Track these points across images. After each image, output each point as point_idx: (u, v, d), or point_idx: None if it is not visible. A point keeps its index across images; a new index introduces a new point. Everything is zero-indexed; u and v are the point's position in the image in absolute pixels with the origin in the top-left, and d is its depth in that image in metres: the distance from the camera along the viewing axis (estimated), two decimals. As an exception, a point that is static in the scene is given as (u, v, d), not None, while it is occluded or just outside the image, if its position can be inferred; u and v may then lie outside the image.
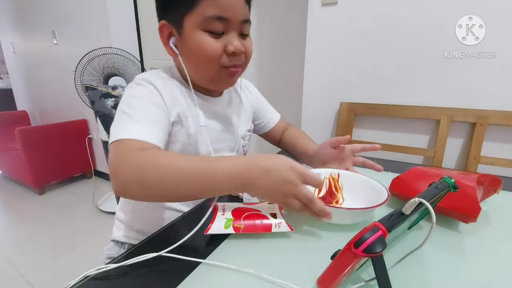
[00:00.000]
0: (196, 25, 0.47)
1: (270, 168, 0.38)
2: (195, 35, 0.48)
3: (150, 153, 0.42)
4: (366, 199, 0.49)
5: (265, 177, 0.38)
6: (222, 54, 0.49)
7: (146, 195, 0.41)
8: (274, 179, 0.38)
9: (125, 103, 0.49)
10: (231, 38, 0.49)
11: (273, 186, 0.38)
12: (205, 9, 0.46)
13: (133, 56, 1.75)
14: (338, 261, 0.30)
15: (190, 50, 0.50)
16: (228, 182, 0.39)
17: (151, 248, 0.37)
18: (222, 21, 0.47)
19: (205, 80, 0.55)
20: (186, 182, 0.39)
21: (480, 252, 0.40)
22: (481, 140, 1.16)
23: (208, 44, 0.48)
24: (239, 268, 0.35)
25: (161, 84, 0.53)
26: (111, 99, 0.74)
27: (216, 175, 0.38)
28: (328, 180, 0.58)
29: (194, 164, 0.39)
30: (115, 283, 0.34)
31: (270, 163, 0.39)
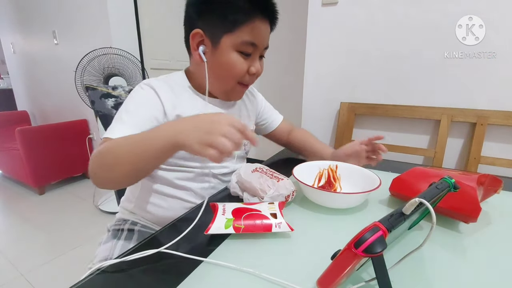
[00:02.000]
0: (232, 45, 0.54)
1: (197, 119, 0.40)
2: (230, 53, 0.55)
3: (108, 142, 0.47)
4: (362, 188, 0.54)
5: (191, 120, 0.40)
6: (245, 74, 0.58)
7: (109, 177, 0.46)
8: (201, 119, 0.40)
9: (124, 104, 0.55)
10: (254, 60, 0.58)
11: (197, 125, 0.39)
12: (244, 34, 0.53)
13: (133, 56, 1.75)
14: (338, 261, 0.30)
15: (220, 63, 0.56)
16: (165, 145, 0.40)
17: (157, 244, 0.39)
18: (253, 46, 0.55)
19: (220, 91, 0.62)
20: (134, 155, 0.43)
21: (480, 252, 0.40)
22: (481, 140, 1.16)
23: (239, 63, 0.56)
24: (240, 267, 0.35)
25: (165, 88, 0.57)
26: (111, 99, 0.74)
27: (155, 142, 0.41)
28: (327, 171, 0.64)
29: (136, 139, 0.44)
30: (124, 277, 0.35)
31: (198, 116, 0.41)
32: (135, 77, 1.78)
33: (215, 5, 0.54)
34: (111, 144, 0.45)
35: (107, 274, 0.35)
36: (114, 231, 0.66)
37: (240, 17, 0.52)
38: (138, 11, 2.10)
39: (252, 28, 0.53)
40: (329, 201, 0.52)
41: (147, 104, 0.55)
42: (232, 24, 0.53)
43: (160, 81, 0.60)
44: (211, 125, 0.37)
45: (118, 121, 0.52)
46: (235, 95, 0.65)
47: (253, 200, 0.52)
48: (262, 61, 0.61)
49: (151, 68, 2.29)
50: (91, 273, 0.35)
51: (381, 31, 1.28)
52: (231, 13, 0.52)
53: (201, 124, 0.39)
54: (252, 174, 0.55)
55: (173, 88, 0.59)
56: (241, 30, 0.53)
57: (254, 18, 0.53)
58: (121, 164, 0.44)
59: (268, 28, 0.57)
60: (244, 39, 0.54)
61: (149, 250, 0.37)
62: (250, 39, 0.54)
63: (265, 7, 0.55)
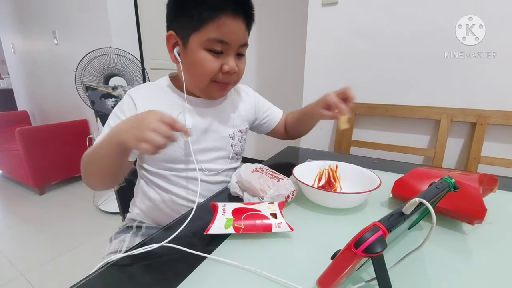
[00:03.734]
0: (200, 43, 0.54)
1: (132, 118, 0.46)
2: (197, 51, 0.54)
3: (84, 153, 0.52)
4: (362, 188, 0.54)
5: (128, 120, 0.46)
6: (218, 72, 0.56)
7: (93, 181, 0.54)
8: (134, 118, 0.45)
9: (110, 117, 0.60)
10: (228, 58, 0.56)
11: (131, 123, 0.44)
12: (209, 31, 0.52)
13: (133, 56, 1.75)
14: (338, 261, 0.30)
15: (190, 63, 0.57)
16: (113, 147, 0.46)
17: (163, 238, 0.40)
18: (223, 43, 0.53)
19: (197, 90, 0.62)
20: (96, 159, 0.50)
21: (480, 251, 0.40)
22: (481, 140, 1.16)
23: (207, 61, 0.55)
24: (241, 265, 0.35)
25: (143, 94, 0.61)
26: (111, 99, 0.74)
27: (107, 148, 0.47)
28: (327, 171, 0.64)
29: (94, 147, 0.51)
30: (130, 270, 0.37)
31: (135, 116, 0.46)
32: (135, 77, 1.78)
33: (183, 5, 0.54)
34: (84, 155, 0.52)
35: (115, 267, 0.37)
36: (124, 227, 0.70)
37: (206, 14, 0.51)
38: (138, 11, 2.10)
39: (219, 25, 0.52)
40: (329, 201, 0.52)
41: (122, 114, 0.58)
42: (197, 23, 0.52)
43: (141, 88, 0.63)
44: (141, 122, 0.42)
45: (102, 131, 0.57)
46: (214, 94, 0.62)
47: (253, 200, 0.52)
48: (242, 59, 0.59)
49: (151, 68, 2.29)
50: (100, 267, 0.36)
51: (381, 31, 1.28)
52: (197, 11, 0.51)
53: (134, 122, 0.44)
54: (252, 174, 0.55)
55: (152, 92, 0.62)
56: (207, 28, 0.52)
57: (221, 14, 0.51)
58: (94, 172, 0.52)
59: (241, 24, 0.54)
60: (211, 37, 0.52)
61: (154, 244, 0.39)
62: (217, 36, 0.52)
63: (234, 2, 0.52)
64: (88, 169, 0.52)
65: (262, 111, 0.80)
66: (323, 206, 0.52)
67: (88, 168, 0.52)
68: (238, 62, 0.58)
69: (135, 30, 1.91)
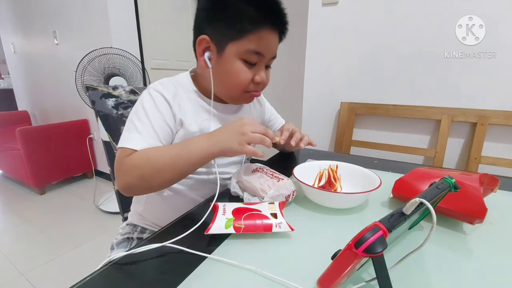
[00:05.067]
0: (237, 53, 0.54)
1: (228, 126, 0.51)
2: (234, 61, 0.55)
3: (139, 153, 0.50)
4: (362, 188, 0.54)
5: (223, 131, 0.50)
6: (250, 83, 0.58)
7: (148, 186, 0.51)
8: (230, 127, 0.50)
9: (135, 113, 0.56)
10: (260, 70, 0.58)
11: (230, 132, 0.49)
12: (249, 43, 0.53)
13: (133, 56, 1.75)
14: (338, 261, 0.30)
15: (224, 71, 0.57)
16: (202, 159, 0.50)
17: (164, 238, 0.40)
18: (259, 55, 0.55)
19: (227, 97, 0.63)
20: (173, 171, 0.50)
21: (481, 252, 0.40)
22: (481, 140, 1.16)
23: (243, 72, 0.56)
24: (241, 264, 0.35)
25: (172, 92, 0.59)
26: (111, 99, 0.74)
27: (193, 159, 0.50)
28: (327, 171, 0.64)
29: (174, 154, 0.50)
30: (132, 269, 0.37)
31: (228, 124, 0.51)
32: (135, 77, 1.78)
33: (224, 12, 0.54)
34: (146, 157, 0.49)
35: (116, 267, 0.37)
36: (125, 239, 0.69)
37: (247, 26, 0.52)
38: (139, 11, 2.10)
39: (259, 38, 0.53)
40: (329, 201, 0.52)
41: (158, 112, 0.56)
42: (238, 32, 0.53)
43: (167, 85, 0.60)
44: (242, 128, 0.48)
45: (133, 131, 0.53)
46: (243, 101, 0.65)
47: (253, 200, 0.52)
48: (268, 71, 0.61)
49: (151, 68, 2.29)
50: (102, 266, 0.37)
51: (381, 31, 1.28)
52: (239, 22, 0.52)
53: (233, 130, 0.49)
54: (252, 174, 0.55)
55: (178, 91, 0.60)
56: (247, 39, 0.53)
57: (262, 28, 0.53)
58: (163, 175, 0.50)
59: (277, 39, 0.57)
60: (249, 48, 0.54)
61: (156, 243, 0.39)
62: (256, 48, 0.54)
63: (275, 18, 0.54)
64: (152, 173, 0.48)
65: (268, 119, 0.83)
66: (324, 206, 0.52)
67: (150, 172, 0.48)
68: (266, 73, 0.60)
69: (135, 30, 1.91)
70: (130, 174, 0.49)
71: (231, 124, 0.50)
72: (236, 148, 0.48)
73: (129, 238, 0.69)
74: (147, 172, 0.48)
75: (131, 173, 0.49)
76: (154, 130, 0.54)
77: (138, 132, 0.52)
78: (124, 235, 0.70)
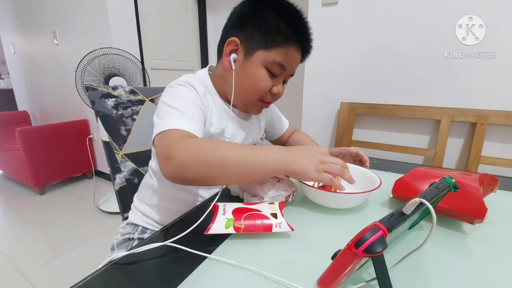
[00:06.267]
0: (263, 61, 0.57)
1: (305, 148, 0.50)
2: (259, 66, 0.57)
3: (209, 140, 0.49)
4: (362, 188, 0.54)
5: (302, 152, 0.48)
6: (268, 92, 0.60)
7: (202, 176, 0.45)
8: (312, 152, 0.48)
9: (171, 99, 0.54)
10: (278, 82, 0.60)
11: (311, 155, 0.48)
12: (276, 54, 0.56)
13: (133, 56, 1.75)
14: (338, 261, 0.30)
15: (247, 74, 0.58)
16: (273, 172, 0.47)
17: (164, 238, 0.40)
18: (282, 68, 0.58)
19: (241, 102, 0.63)
20: (240, 171, 0.45)
21: (481, 252, 0.40)
22: (481, 140, 1.16)
23: (264, 80, 0.58)
24: (241, 264, 0.35)
25: (202, 89, 0.59)
26: (111, 99, 0.74)
27: (265, 167, 0.46)
28: None
29: (247, 154, 0.46)
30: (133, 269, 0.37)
31: (306, 146, 0.51)
32: (135, 77, 1.78)
33: (259, 22, 0.56)
34: (216, 146, 0.46)
35: (116, 266, 0.37)
36: (125, 239, 0.69)
37: (279, 39, 0.55)
38: (138, 11, 2.11)
39: (286, 52, 0.56)
40: (329, 201, 0.52)
41: (196, 102, 0.57)
42: (269, 43, 0.55)
43: (195, 80, 0.61)
44: (323, 157, 0.48)
45: (180, 116, 0.51)
46: (254, 110, 0.66)
47: (253, 200, 0.52)
48: (284, 86, 0.63)
49: (152, 68, 2.29)
50: (103, 266, 0.37)
51: (381, 31, 1.28)
52: (272, 34, 0.55)
53: (313, 155, 0.48)
54: (252, 174, 0.55)
55: (202, 89, 0.60)
56: (276, 51, 0.56)
57: (291, 44, 0.56)
58: (224, 172, 0.45)
59: (299, 57, 0.60)
60: (276, 59, 0.56)
61: (155, 243, 0.39)
62: (281, 61, 0.56)
63: (303, 39, 0.58)
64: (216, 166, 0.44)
65: (273, 121, 0.84)
66: (324, 206, 0.52)
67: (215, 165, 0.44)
68: (282, 87, 0.63)
69: (135, 30, 1.92)
70: (192, 154, 0.44)
71: (311, 149, 0.49)
72: (312, 174, 0.46)
73: (129, 238, 0.69)
74: (212, 159, 0.44)
75: (194, 154, 0.44)
76: (197, 116, 0.54)
77: (184, 115, 0.51)
78: (125, 235, 0.70)
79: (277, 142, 0.90)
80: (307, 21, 0.59)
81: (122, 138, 0.75)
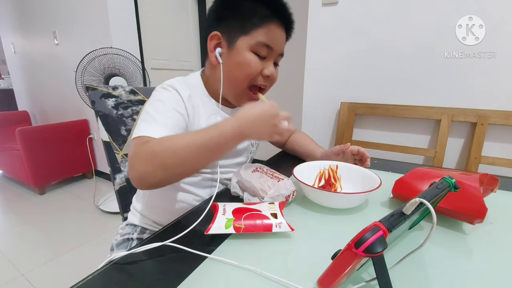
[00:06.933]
0: (248, 46, 0.57)
1: (257, 114, 0.47)
2: (244, 52, 0.57)
3: (158, 141, 0.46)
4: (362, 188, 0.54)
5: (256, 122, 0.47)
6: (259, 74, 0.59)
7: (166, 177, 0.45)
8: (261, 114, 0.47)
9: (150, 105, 0.56)
10: (269, 64, 0.59)
11: (266, 124, 0.47)
12: (258, 35, 0.56)
13: (133, 56, 1.75)
14: (338, 261, 0.30)
15: (234, 63, 0.58)
16: (230, 142, 0.46)
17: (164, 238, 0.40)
18: (268, 48, 0.57)
19: (231, 94, 0.63)
20: (198, 155, 0.45)
21: (481, 252, 0.40)
22: (481, 140, 1.16)
23: (253, 62, 0.57)
24: (241, 265, 0.35)
25: (186, 91, 0.59)
26: (111, 99, 0.74)
27: (220, 142, 0.45)
28: (327, 171, 0.64)
29: (199, 138, 0.45)
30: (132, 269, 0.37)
31: (256, 111, 0.48)
32: (135, 77, 1.78)
33: (234, 10, 0.57)
34: (165, 143, 0.45)
35: (116, 266, 0.37)
36: (124, 240, 0.69)
37: (257, 20, 0.56)
38: (138, 11, 2.11)
39: (267, 31, 0.56)
40: (329, 201, 0.52)
41: (174, 105, 0.56)
42: (248, 27, 0.56)
43: (181, 83, 0.60)
44: (275, 119, 0.48)
45: (150, 121, 0.52)
46: (246, 98, 0.64)
47: (253, 200, 0.52)
48: (277, 68, 0.63)
49: (151, 68, 2.29)
50: (103, 266, 0.37)
51: (381, 31, 1.28)
52: (249, 17, 0.56)
53: (264, 118, 0.47)
54: (252, 174, 0.55)
55: (193, 93, 0.60)
56: (256, 32, 0.56)
57: (270, 22, 0.56)
58: (183, 164, 0.45)
59: (283, 35, 0.61)
60: (259, 40, 0.56)
61: (155, 243, 0.39)
62: (265, 40, 0.56)
63: (282, 14, 0.58)
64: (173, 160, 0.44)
65: None
66: (324, 206, 0.52)
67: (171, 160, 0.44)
68: (275, 70, 0.62)
69: (135, 30, 1.92)
70: (149, 162, 0.44)
71: (264, 112, 0.47)
72: (264, 138, 0.49)
73: (129, 239, 0.69)
74: (167, 161, 0.43)
75: (150, 161, 0.44)
76: (171, 120, 0.54)
77: (155, 121, 0.51)
78: (124, 235, 0.70)
79: (275, 143, 0.91)
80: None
81: (122, 138, 0.75)
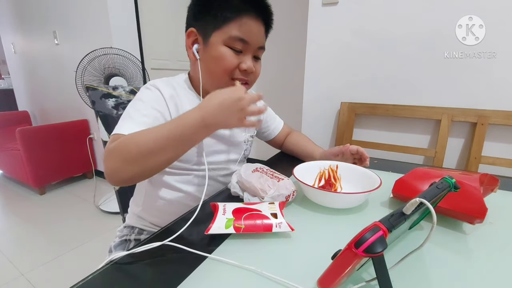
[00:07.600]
0: (221, 40, 0.56)
1: (220, 101, 0.44)
2: (218, 47, 0.56)
3: (126, 136, 0.46)
4: (362, 188, 0.54)
5: (220, 109, 0.44)
6: (235, 69, 0.57)
7: (137, 171, 0.44)
8: (224, 100, 0.44)
9: (131, 104, 0.57)
10: (246, 58, 0.58)
11: (230, 110, 0.44)
12: (231, 29, 0.55)
13: (133, 56, 1.75)
14: (338, 261, 0.30)
15: (210, 58, 0.57)
16: (196, 133, 0.44)
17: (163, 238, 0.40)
18: (243, 42, 0.56)
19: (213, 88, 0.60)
20: (163, 146, 0.43)
21: (481, 252, 0.40)
22: (482, 140, 1.15)
23: (228, 56, 0.56)
24: (241, 264, 0.35)
25: (169, 89, 0.60)
26: (111, 99, 0.74)
27: (184, 133, 0.44)
28: (327, 171, 0.64)
29: (164, 130, 0.44)
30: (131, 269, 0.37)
31: (217, 97, 0.45)
32: (135, 77, 1.78)
33: (208, 5, 0.56)
34: (131, 138, 0.45)
35: (116, 266, 0.37)
36: (122, 241, 0.69)
37: (229, 14, 0.54)
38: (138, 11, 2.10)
39: (240, 24, 0.55)
40: (329, 201, 0.52)
41: (154, 104, 0.56)
42: (221, 21, 0.55)
43: (164, 82, 0.61)
44: (240, 104, 0.44)
45: (126, 118, 0.53)
46: None
47: (253, 200, 0.52)
48: (258, 63, 0.62)
49: (152, 68, 2.29)
50: (103, 266, 0.37)
51: (381, 31, 1.28)
52: (221, 11, 0.54)
53: (227, 103, 0.44)
54: (252, 174, 0.55)
55: (176, 89, 0.61)
56: (229, 26, 0.55)
57: (243, 15, 0.55)
58: (147, 157, 0.43)
59: (261, 27, 0.58)
60: (232, 34, 0.55)
61: (155, 243, 0.39)
62: (238, 34, 0.55)
63: (256, 5, 0.56)
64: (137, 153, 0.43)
65: (266, 121, 0.83)
66: (324, 206, 0.52)
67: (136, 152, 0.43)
68: (255, 64, 0.60)
69: (135, 30, 1.91)
70: (114, 158, 0.44)
71: (225, 99, 0.44)
72: (232, 125, 0.46)
73: (126, 240, 0.69)
74: (132, 154, 0.43)
75: (114, 156, 0.44)
76: (148, 118, 0.53)
77: (131, 119, 0.52)
78: (122, 237, 0.70)
79: (273, 143, 0.90)
80: None
81: (122, 138, 0.75)
